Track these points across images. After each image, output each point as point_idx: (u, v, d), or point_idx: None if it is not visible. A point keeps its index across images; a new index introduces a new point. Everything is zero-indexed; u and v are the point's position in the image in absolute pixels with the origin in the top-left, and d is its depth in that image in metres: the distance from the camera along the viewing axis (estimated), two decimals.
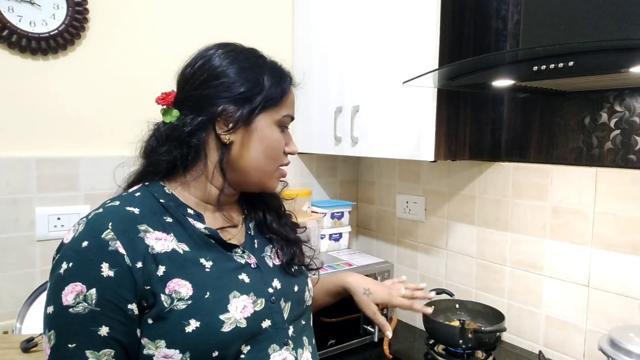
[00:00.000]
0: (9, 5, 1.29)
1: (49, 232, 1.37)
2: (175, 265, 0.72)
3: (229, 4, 1.67)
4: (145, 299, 0.69)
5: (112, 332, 0.67)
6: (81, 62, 1.42)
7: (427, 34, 1.26)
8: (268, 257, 0.87)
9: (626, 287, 1.19)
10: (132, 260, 0.69)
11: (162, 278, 0.70)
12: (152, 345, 0.69)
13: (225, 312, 0.72)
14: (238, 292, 0.75)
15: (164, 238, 0.73)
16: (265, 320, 0.78)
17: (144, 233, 0.72)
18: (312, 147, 1.74)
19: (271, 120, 0.81)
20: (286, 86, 0.83)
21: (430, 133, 1.28)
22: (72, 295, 0.66)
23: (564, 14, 1.01)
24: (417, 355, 1.48)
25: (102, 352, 0.66)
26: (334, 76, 1.62)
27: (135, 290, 0.68)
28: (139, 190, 0.80)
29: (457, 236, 1.61)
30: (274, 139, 0.81)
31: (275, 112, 0.81)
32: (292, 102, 0.85)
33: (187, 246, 0.75)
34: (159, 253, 0.71)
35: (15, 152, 1.33)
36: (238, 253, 0.81)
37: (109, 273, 0.67)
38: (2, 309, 1.32)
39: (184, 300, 0.70)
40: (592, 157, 1.25)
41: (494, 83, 1.15)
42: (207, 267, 0.75)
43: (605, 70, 0.92)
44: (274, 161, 0.83)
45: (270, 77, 0.80)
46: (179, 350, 0.68)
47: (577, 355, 1.29)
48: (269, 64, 0.83)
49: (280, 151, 0.83)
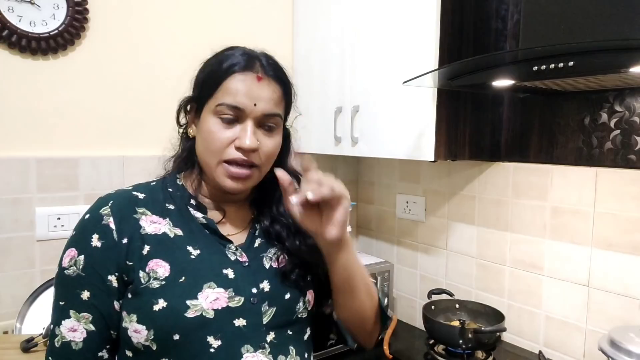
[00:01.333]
0: (9, 5, 1.29)
1: (49, 232, 1.37)
2: (161, 247, 0.75)
3: (229, 5, 1.67)
4: (126, 273, 0.73)
5: (92, 299, 0.73)
6: (81, 62, 1.42)
7: (427, 34, 1.26)
8: (268, 259, 0.84)
9: (626, 287, 1.19)
10: (119, 236, 0.74)
11: (145, 257, 0.74)
12: (127, 318, 0.73)
13: (193, 299, 0.72)
14: (215, 283, 0.75)
15: (159, 222, 0.77)
16: (239, 318, 0.76)
17: (140, 215, 0.77)
18: (312, 147, 1.74)
19: (209, 111, 0.77)
20: (221, 74, 0.77)
21: (430, 133, 1.28)
22: (68, 259, 0.74)
23: (564, 13, 1.01)
24: (417, 355, 1.48)
25: (82, 315, 0.73)
26: (334, 76, 1.62)
27: (118, 264, 0.73)
28: (156, 180, 0.85)
29: (457, 236, 1.61)
30: (207, 129, 0.77)
31: (211, 102, 0.77)
32: (233, 90, 0.76)
33: (182, 231, 0.78)
34: (149, 234, 0.75)
35: (15, 152, 1.33)
36: (231, 249, 0.80)
37: (97, 244, 0.73)
38: (2, 309, 1.32)
39: (158, 280, 0.73)
40: (592, 157, 1.25)
41: (494, 83, 1.15)
42: (193, 254, 0.76)
43: (605, 70, 0.92)
44: (212, 154, 0.77)
45: (211, 67, 0.79)
46: (145, 326, 0.71)
47: (577, 355, 1.29)
48: (222, 54, 0.80)
49: (215, 143, 0.76)
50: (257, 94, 0.76)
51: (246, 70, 0.77)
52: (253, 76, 0.77)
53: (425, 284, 1.72)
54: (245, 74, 0.76)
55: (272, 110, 0.78)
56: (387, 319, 0.94)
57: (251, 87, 0.76)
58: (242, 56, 0.78)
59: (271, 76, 0.79)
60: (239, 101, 0.75)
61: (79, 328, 0.73)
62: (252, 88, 0.76)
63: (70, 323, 0.73)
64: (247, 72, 0.76)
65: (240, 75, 0.76)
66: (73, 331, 0.73)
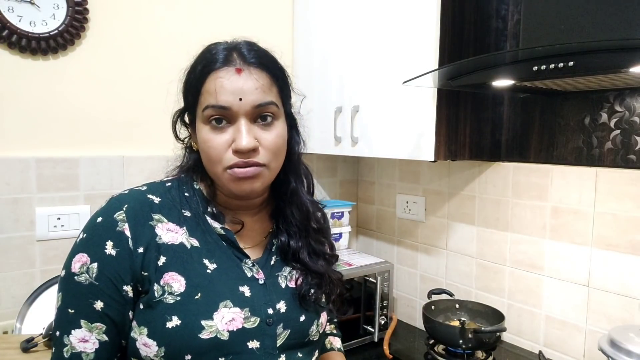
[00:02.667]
0: (9, 5, 1.29)
1: (49, 232, 1.37)
2: (177, 259, 0.71)
3: (229, 4, 1.67)
4: (141, 283, 0.70)
5: (106, 309, 0.69)
6: (81, 62, 1.42)
7: (427, 33, 1.26)
8: (283, 277, 0.81)
9: (626, 287, 1.19)
10: (135, 244, 0.70)
11: (161, 268, 0.70)
12: (137, 329, 0.70)
13: (209, 319, 0.70)
14: (232, 302, 0.72)
15: (176, 231, 0.73)
16: (253, 340, 0.73)
17: (156, 222, 0.73)
18: (312, 147, 1.73)
19: (199, 119, 0.73)
20: (196, 77, 0.72)
21: (430, 133, 1.28)
22: (79, 264, 0.69)
23: (564, 13, 1.01)
24: (417, 355, 1.48)
25: (94, 325, 0.69)
26: (334, 76, 1.62)
27: (133, 273, 0.70)
28: (172, 181, 0.80)
29: (457, 236, 1.61)
30: (202, 139, 0.73)
31: (199, 108, 0.73)
32: (212, 90, 0.70)
33: (198, 242, 0.74)
34: (165, 244, 0.72)
35: (15, 152, 1.33)
36: (247, 264, 0.77)
37: (112, 252, 0.69)
38: (2, 309, 1.32)
39: (173, 295, 0.70)
40: (592, 157, 1.25)
41: (494, 83, 1.15)
42: (210, 268, 0.73)
43: (605, 70, 0.92)
44: (214, 163, 0.72)
45: (188, 74, 0.75)
46: (156, 342, 0.68)
47: (577, 355, 1.29)
48: (197, 58, 0.75)
49: (214, 152, 0.72)
50: (240, 87, 0.70)
51: (224, 66, 0.71)
52: (232, 70, 0.71)
53: (425, 284, 1.72)
54: (223, 69, 0.71)
55: (263, 100, 0.72)
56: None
57: (232, 81, 0.70)
58: (221, 52, 0.72)
59: (253, 64, 0.72)
60: (222, 99, 0.70)
61: (91, 339, 0.69)
62: (234, 82, 0.70)
63: (81, 333, 0.69)
64: (225, 68, 0.71)
65: (219, 72, 0.71)
66: (84, 342, 0.69)
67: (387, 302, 1.58)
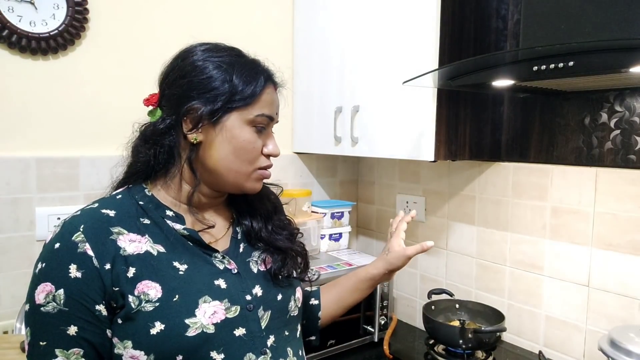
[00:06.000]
0: (9, 5, 1.29)
1: (49, 232, 1.36)
2: (147, 267, 0.72)
3: (229, 5, 1.67)
4: (114, 299, 0.70)
5: (81, 332, 0.68)
6: (81, 62, 1.42)
7: (427, 33, 1.26)
8: (254, 262, 0.84)
9: (626, 287, 1.19)
10: (101, 262, 0.69)
11: (132, 279, 0.70)
12: (120, 345, 0.70)
13: (192, 317, 0.71)
14: (210, 297, 0.74)
15: (138, 240, 0.74)
16: (239, 328, 0.76)
17: (116, 235, 0.72)
18: (312, 147, 1.74)
19: (242, 120, 0.78)
20: (259, 85, 0.79)
21: (430, 133, 1.28)
22: (43, 295, 0.68)
23: (564, 13, 1.01)
24: (417, 355, 1.48)
25: (71, 352, 0.68)
26: (334, 76, 1.62)
27: (104, 292, 0.69)
28: (121, 192, 0.81)
29: (457, 236, 1.61)
30: (244, 139, 0.78)
31: (247, 111, 0.78)
32: (268, 101, 0.80)
33: (163, 248, 0.75)
34: (131, 255, 0.72)
35: (15, 152, 1.33)
36: (218, 258, 0.79)
37: (77, 274, 0.68)
38: (2, 309, 1.32)
39: (151, 302, 0.70)
40: (592, 157, 1.25)
41: (494, 83, 1.15)
42: (181, 270, 0.74)
43: (605, 70, 0.92)
44: (248, 162, 0.79)
45: (240, 76, 0.77)
46: (144, 352, 0.69)
47: (577, 355, 1.29)
48: (244, 62, 0.80)
49: (253, 152, 0.79)
50: (278, 104, 0.84)
51: (272, 81, 0.83)
52: (273, 87, 0.83)
53: (425, 284, 1.72)
54: (272, 85, 0.83)
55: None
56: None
57: (274, 97, 0.83)
58: (265, 68, 0.83)
59: (278, 84, 0.86)
60: (272, 112, 0.82)
61: None
62: (274, 99, 0.83)
63: None
64: (272, 84, 0.83)
65: (272, 87, 0.82)
66: None
67: (387, 302, 1.58)
